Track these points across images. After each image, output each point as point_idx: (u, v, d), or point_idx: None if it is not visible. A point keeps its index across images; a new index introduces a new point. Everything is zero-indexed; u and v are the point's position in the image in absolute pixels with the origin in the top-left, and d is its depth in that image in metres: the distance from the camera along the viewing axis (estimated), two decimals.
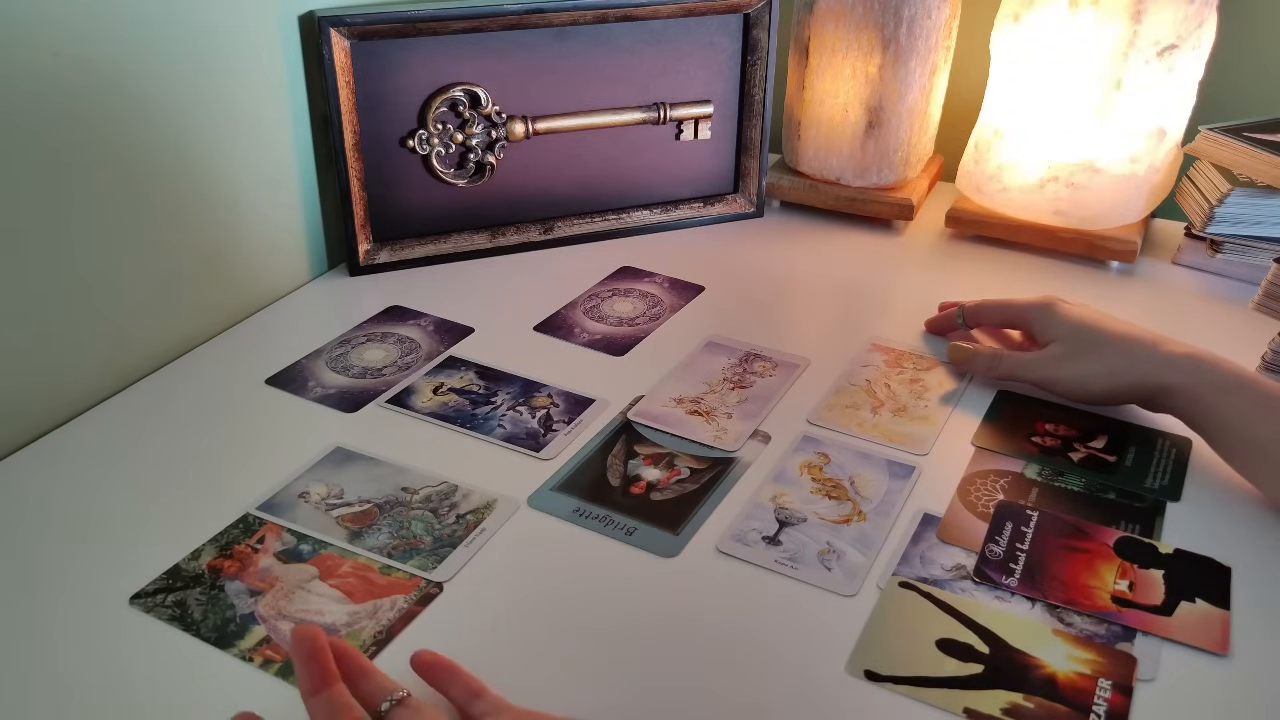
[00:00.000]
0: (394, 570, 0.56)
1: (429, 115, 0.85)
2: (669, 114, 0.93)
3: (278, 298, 0.84)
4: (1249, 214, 0.87)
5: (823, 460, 0.65)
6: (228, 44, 0.74)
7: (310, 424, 0.68)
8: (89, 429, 0.67)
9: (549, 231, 0.93)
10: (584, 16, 0.86)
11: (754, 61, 0.94)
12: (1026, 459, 0.65)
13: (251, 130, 0.78)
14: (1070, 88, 0.86)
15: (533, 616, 0.53)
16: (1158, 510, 0.61)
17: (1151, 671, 0.50)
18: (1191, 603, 0.54)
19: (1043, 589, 0.55)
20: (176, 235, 0.74)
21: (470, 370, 0.74)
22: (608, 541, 0.58)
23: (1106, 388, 0.67)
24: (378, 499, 0.61)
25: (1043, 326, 0.70)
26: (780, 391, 0.72)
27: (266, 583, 0.55)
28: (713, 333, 0.80)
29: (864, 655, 0.51)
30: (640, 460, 0.65)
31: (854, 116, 0.95)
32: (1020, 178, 0.91)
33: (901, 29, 0.90)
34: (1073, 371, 0.68)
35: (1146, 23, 0.82)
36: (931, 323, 0.80)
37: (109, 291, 0.70)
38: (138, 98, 0.68)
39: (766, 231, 0.98)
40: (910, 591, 0.55)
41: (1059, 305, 0.70)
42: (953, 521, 0.60)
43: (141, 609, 0.53)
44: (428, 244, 0.89)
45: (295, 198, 0.84)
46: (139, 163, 0.70)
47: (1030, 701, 0.48)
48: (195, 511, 0.60)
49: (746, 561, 0.57)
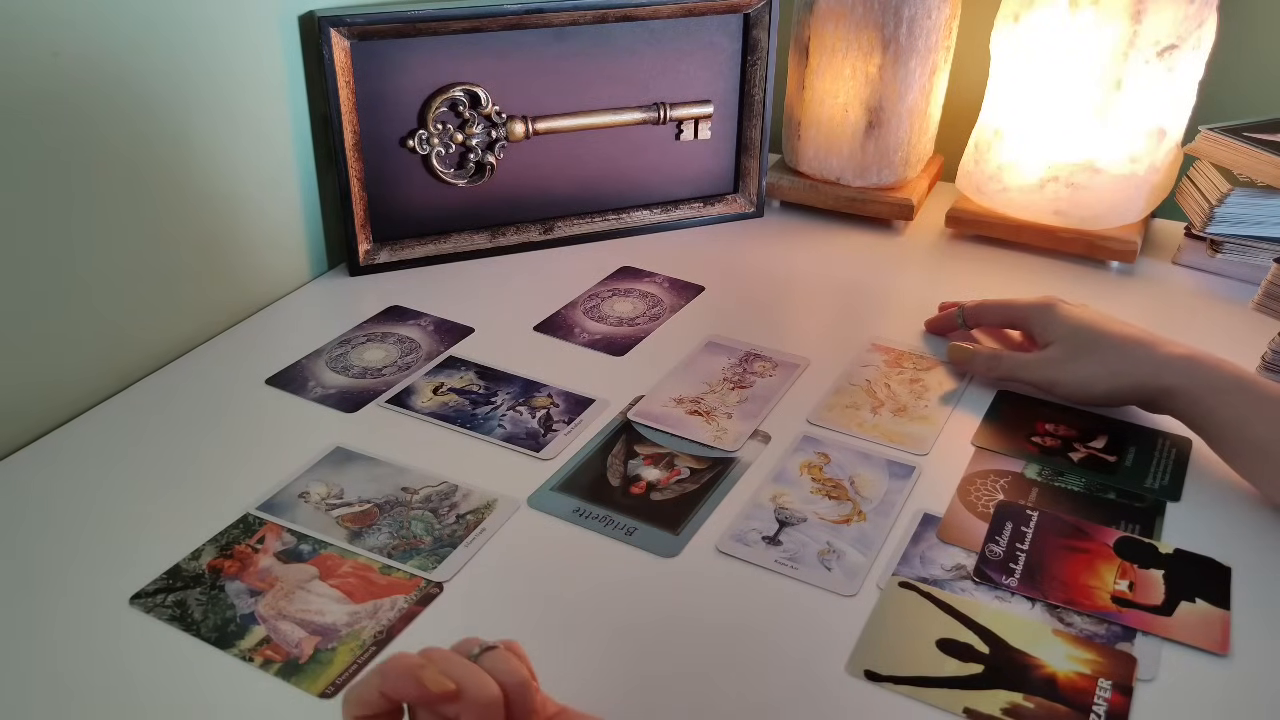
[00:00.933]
0: (394, 570, 0.56)
1: (429, 115, 0.85)
2: (669, 114, 0.93)
3: (278, 297, 0.84)
4: (1249, 214, 0.87)
5: (823, 460, 0.65)
6: (228, 44, 0.74)
7: (310, 424, 0.68)
8: (89, 429, 0.67)
9: (549, 231, 0.93)
10: (584, 16, 0.86)
11: (754, 61, 0.94)
12: (1026, 459, 0.65)
13: (251, 130, 0.78)
14: (1070, 88, 0.86)
15: (533, 616, 0.53)
16: (1158, 510, 0.61)
17: (1151, 671, 0.50)
18: (1191, 603, 0.54)
19: (1043, 589, 0.55)
20: (177, 235, 0.74)
21: (470, 370, 0.74)
22: (608, 541, 0.58)
23: (1106, 389, 0.67)
24: (378, 499, 0.61)
25: (1042, 327, 0.70)
26: (780, 391, 0.72)
27: (267, 583, 0.55)
28: (713, 333, 0.80)
29: (864, 655, 0.51)
30: (640, 460, 0.65)
31: (854, 116, 0.95)
32: (1020, 178, 0.91)
33: (901, 29, 0.90)
34: (1072, 373, 0.68)
35: (1146, 23, 0.82)
36: (931, 323, 0.80)
37: (109, 291, 0.70)
38: (138, 98, 0.68)
39: (766, 231, 0.98)
40: (910, 591, 0.55)
41: (1059, 306, 0.70)
42: (953, 521, 0.60)
43: (141, 609, 0.53)
44: (428, 244, 0.89)
45: (295, 198, 0.84)
46: (139, 163, 0.70)
47: (1030, 701, 0.48)
48: (195, 511, 0.60)
49: (746, 561, 0.57)
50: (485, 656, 0.41)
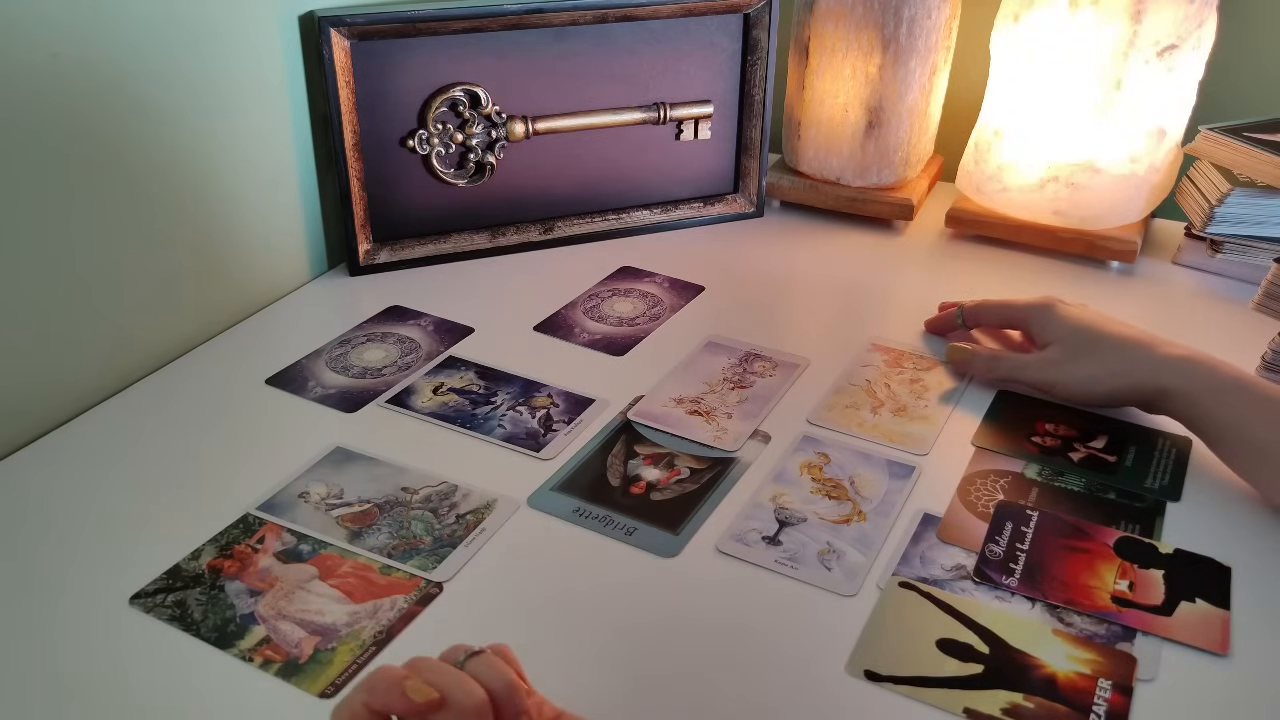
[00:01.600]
0: (394, 570, 0.56)
1: (429, 115, 0.85)
2: (669, 114, 0.93)
3: (278, 298, 0.84)
4: (1249, 214, 0.87)
5: (823, 460, 0.65)
6: (228, 44, 0.74)
7: (310, 424, 0.68)
8: (89, 429, 0.67)
9: (549, 231, 0.93)
10: (584, 16, 0.86)
11: (754, 61, 0.94)
12: (1026, 459, 0.65)
13: (251, 130, 0.78)
14: (1070, 88, 0.86)
15: (532, 616, 0.53)
16: (1158, 510, 0.61)
17: (1151, 671, 0.50)
18: (1191, 603, 0.54)
19: (1043, 589, 0.55)
20: (176, 235, 0.74)
21: (470, 370, 0.74)
22: (608, 541, 0.58)
23: (1105, 391, 0.67)
24: (378, 499, 0.61)
25: (1041, 328, 0.70)
26: (780, 391, 0.72)
27: (266, 583, 0.55)
28: (713, 333, 0.80)
29: (864, 655, 0.51)
30: (640, 460, 0.65)
31: (854, 116, 0.95)
32: (1020, 178, 0.91)
33: (901, 29, 0.90)
34: (1071, 374, 0.68)
35: (1146, 23, 0.82)
36: (931, 323, 0.80)
37: (109, 291, 0.70)
38: (138, 98, 0.69)
39: (766, 231, 0.98)
40: (910, 591, 0.55)
41: (1058, 306, 0.70)
42: (953, 521, 0.60)
43: (141, 609, 0.53)
44: (428, 244, 0.89)
45: (295, 198, 0.84)
46: (139, 163, 0.70)
47: (1030, 701, 0.48)
48: (195, 511, 0.60)
49: (746, 561, 0.57)
50: (470, 662, 0.41)
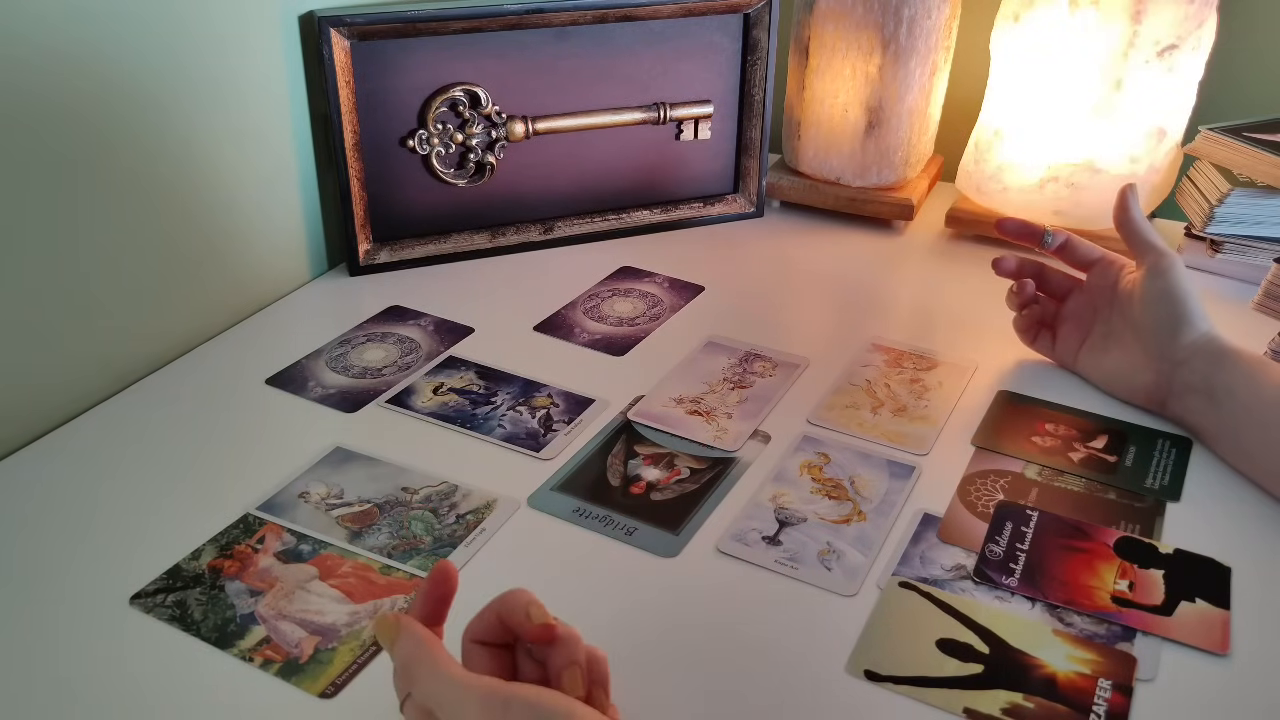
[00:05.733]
0: (394, 570, 0.56)
1: (429, 115, 0.85)
2: (669, 114, 0.93)
3: (278, 297, 0.84)
4: (1249, 214, 0.87)
5: (823, 460, 0.65)
6: (228, 44, 0.74)
7: (310, 424, 0.68)
8: (89, 429, 0.67)
9: (549, 231, 0.93)
10: (584, 16, 0.86)
11: (754, 61, 0.94)
12: (1026, 459, 0.65)
13: (251, 130, 0.78)
14: (1070, 88, 0.86)
15: None
16: (1158, 510, 0.61)
17: (1151, 671, 0.50)
18: (1191, 603, 0.54)
19: (1043, 589, 0.55)
20: (176, 235, 0.74)
21: (470, 370, 0.74)
22: (608, 541, 0.58)
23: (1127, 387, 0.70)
24: (378, 499, 0.61)
25: (1153, 262, 0.68)
26: (780, 391, 0.72)
27: (267, 583, 0.55)
28: (713, 333, 0.80)
29: (864, 655, 0.51)
30: (640, 460, 0.65)
31: (854, 116, 0.95)
32: (1020, 178, 0.91)
33: (901, 29, 0.90)
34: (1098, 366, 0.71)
35: (1146, 23, 0.82)
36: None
37: (109, 291, 0.70)
38: (138, 98, 0.69)
39: (766, 231, 0.98)
40: (910, 591, 0.55)
41: (1179, 264, 0.68)
42: (953, 521, 0.60)
43: (141, 609, 0.53)
44: (428, 244, 0.89)
45: (295, 198, 0.84)
46: (139, 163, 0.70)
47: (1030, 701, 0.48)
48: (195, 511, 0.60)
49: (746, 561, 0.57)
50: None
